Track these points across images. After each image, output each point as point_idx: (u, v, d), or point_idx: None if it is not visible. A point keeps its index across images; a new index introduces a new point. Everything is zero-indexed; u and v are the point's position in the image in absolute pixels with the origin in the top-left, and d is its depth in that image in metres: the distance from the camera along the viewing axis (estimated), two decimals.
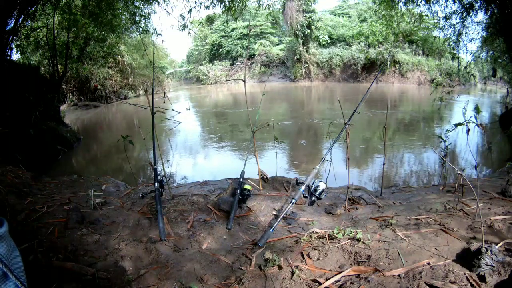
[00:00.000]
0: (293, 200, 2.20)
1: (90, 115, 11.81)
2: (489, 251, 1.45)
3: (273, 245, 2.00)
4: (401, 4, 7.09)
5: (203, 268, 1.81)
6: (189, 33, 8.02)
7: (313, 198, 2.20)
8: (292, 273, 1.62)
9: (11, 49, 6.40)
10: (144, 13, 7.56)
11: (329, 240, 1.90)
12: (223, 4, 7.07)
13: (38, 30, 7.95)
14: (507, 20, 5.50)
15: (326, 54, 22.74)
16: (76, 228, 2.14)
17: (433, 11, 7.14)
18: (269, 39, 26.51)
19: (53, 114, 6.77)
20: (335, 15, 26.01)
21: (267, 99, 12.52)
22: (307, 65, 22.70)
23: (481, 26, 7.14)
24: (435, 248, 1.68)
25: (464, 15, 6.55)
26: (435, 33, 11.26)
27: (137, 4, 7.33)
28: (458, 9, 6.58)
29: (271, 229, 2.05)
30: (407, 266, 1.55)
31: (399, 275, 1.48)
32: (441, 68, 18.46)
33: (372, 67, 20.95)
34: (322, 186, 2.21)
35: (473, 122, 2.65)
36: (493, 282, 1.38)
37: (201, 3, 7.01)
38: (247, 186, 2.60)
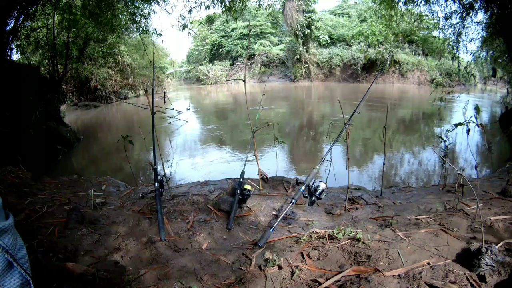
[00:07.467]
0: (293, 200, 2.19)
1: (90, 115, 11.81)
2: (489, 251, 1.45)
3: (273, 245, 1.99)
4: (401, 4, 7.10)
5: (203, 268, 1.80)
6: (189, 33, 8.04)
7: (313, 198, 2.20)
8: (292, 273, 1.62)
9: (11, 49, 6.39)
10: (144, 13, 7.58)
11: (329, 240, 1.90)
12: (223, 4, 7.08)
13: (38, 30, 7.95)
14: (507, 20, 5.50)
15: (326, 54, 22.75)
16: (76, 228, 2.14)
17: (432, 11, 7.17)
18: (269, 39, 26.51)
19: (53, 114, 6.76)
20: (335, 15, 26.01)
21: (267, 99, 12.51)
22: (307, 65, 22.71)
23: (481, 26, 7.15)
24: (435, 248, 1.68)
25: (464, 15, 6.56)
26: (435, 33, 11.28)
27: (137, 4, 7.34)
28: (458, 9, 6.59)
29: (271, 229, 2.05)
30: (407, 266, 1.55)
31: (399, 275, 1.48)
32: (441, 68, 18.49)
33: (372, 67, 20.96)
34: (322, 186, 2.20)
35: (473, 122, 2.66)
36: (493, 282, 1.38)
37: (201, 3, 7.03)
38: (247, 186, 2.60)
